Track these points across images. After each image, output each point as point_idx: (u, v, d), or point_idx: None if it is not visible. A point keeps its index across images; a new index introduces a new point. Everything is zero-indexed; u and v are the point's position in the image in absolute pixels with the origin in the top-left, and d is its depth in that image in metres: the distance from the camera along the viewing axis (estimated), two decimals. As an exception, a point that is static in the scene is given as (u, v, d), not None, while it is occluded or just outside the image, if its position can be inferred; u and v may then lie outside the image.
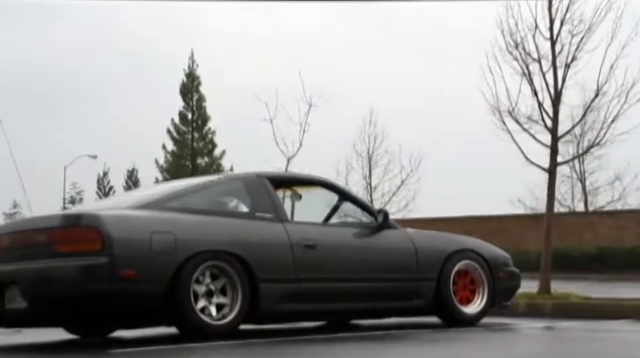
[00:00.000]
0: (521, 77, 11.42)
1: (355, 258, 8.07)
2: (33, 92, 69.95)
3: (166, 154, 50.26)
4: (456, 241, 8.80)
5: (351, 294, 7.99)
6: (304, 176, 8.74)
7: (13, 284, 6.95)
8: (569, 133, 11.88)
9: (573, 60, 11.37)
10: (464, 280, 8.59)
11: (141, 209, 7.25)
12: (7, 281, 7.02)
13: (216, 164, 49.70)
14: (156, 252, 6.89)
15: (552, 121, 11.38)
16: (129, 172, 59.26)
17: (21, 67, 68.56)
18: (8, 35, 67.51)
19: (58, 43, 70.04)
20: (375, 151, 36.43)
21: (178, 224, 7.15)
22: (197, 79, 50.24)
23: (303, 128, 15.94)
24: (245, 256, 7.27)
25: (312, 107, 16.30)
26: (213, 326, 7.07)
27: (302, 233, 7.78)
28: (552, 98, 11.38)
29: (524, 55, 11.42)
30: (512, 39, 11.49)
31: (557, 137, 11.42)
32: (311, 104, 16.30)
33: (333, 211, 8.46)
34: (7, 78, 67.89)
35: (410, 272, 8.31)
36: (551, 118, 11.40)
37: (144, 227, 6.97)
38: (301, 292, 7.61)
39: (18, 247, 7.13)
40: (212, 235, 7.26)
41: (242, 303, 7.21)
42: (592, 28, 11.38)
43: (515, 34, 11.51)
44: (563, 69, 11.36)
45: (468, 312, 8.51)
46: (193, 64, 50.20)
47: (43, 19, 74.41)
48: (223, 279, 7.20)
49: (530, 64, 11.42)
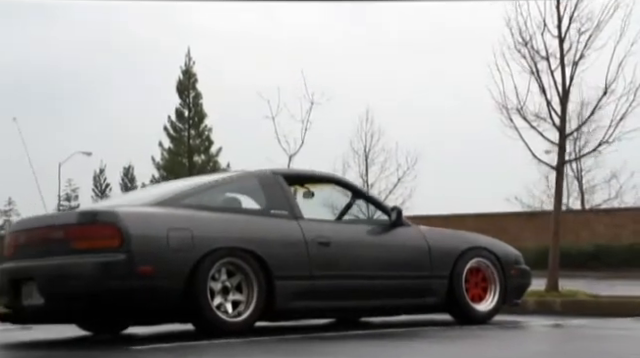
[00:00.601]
0: (529, 75, 11.41)
1: (369, 255, 8.06)
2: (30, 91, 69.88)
3: (162, 151, 50.21)
4: (468, 239, 8.80)
5: (365, 291, 7.99)
6: (318, 173, 8.72)
7: (30, 281, 6.95)
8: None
9: (581, 58, 11.37)
10: (476, 278, 8.59)
11: (158, 206, 7.23)
12: (24, 278, 7.02)
13: (212, 161, 49.64)
14: (173, 249, 6.87)
15: (560, 119, 11.38)
16: (125, 169, 59.26)
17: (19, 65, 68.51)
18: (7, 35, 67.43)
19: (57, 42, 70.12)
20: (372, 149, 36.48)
21: (195, 221, 7.14)
22: (194, 76, 50.18)
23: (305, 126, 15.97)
24: (261, 253, 7.26)
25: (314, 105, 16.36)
26: (229, 323, 7.06)
27: (316, 230, 7.77)
28: (560, 96, 11.38)
29: (532, 53, 11.42)
30: (521, 37, 11.47)
31: (565, 135, 11.42)
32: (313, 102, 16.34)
33: (346, 208, 8.45)
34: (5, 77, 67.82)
35: (423, 270, 8.30)
36: (559, 116, 11.40)
37: (161, 224, 6.96)
38: (315, 289, 7.60)
39: (35, 244, 7.12)
40: (228, 232, 7.25)
41: (258, 300, 7.20)
42: (600, 26, 11.38)
43: (524, 32, 11.50)
44: (571, 67, 11.36)
45: (480, 310, 8.51)
46: (190, 61, 50.16)
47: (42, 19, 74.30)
48: (239, 276, 7.19)
49: (538, 62, 11.42)
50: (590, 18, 11.41)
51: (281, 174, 8.01)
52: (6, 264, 7.40)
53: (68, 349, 6.94)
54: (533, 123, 11.43)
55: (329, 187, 8.60)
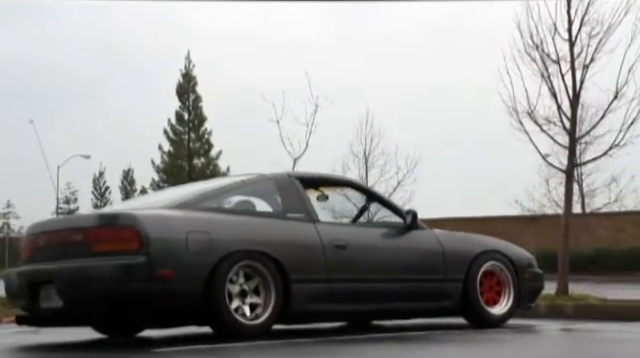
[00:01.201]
0: (540, 79, 11.42)
1: (385, 259, 8.06)
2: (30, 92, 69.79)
3: (162, 154, 50.17)
4: (482, 242, 8.79)
5: (380, 294, 7.99)
6: (334, 176, 8.75)
7: (49, 283, 6.93)
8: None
9: (592, 61, 11.38)
10: (490, 281, 8.59)
11: (176, 209, 7.23)
12: (43, 280, 7.00)
13: (212, 165, 49.61)
14: (192, 252, 6.87)
15: (570, 122, 11.38)
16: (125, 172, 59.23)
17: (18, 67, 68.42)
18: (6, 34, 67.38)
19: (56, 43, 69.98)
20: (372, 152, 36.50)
21: (213, 224, 7.14)
22: (193, 79, 50.18)
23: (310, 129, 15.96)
24: (278, 256, 7.25)
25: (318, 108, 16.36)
26: (247, 326, 7.06)
27: (333, 233, 7.77)
28: (570, 100, 11.38)
29: (543, 56, 11.42)
30: (532, 40, 11.48)
31: (575, 138, 11.43)
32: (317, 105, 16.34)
33: (361, 211, 8.46)
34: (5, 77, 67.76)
35: (438, 273, 8.30)
36: (569, 119, 11.41)
37: (180, 227, 6.95)
38: (332, 292, 7.60)
39: (54, 246, 7.10)
40: (246, 235, 7.25)
41: (275, 303, 7.19)
42: (611, 29, 11.39)
43: (534, 36, 11.50)
44: (581, 70, 11.36)
45: (495, 313, 8.51)
46: (190, 64, 50.15)
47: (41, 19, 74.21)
48: (256, 279, 7.19)
49: (549, 66, 11.42)
50: (601, 22, 11.43)
51: (297, 177, 8.02)
52: (23, 267, 7.39)
53: (89, 352, 6.94)
54: (543, 127, 11.43)
55: (344, 190, 8.61)
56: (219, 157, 50.07)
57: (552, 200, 39.12)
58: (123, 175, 59.27)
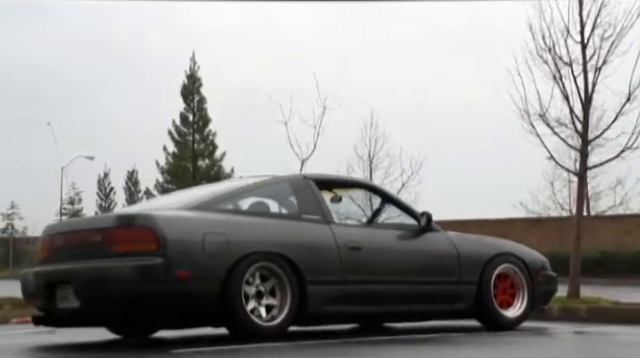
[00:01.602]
0: (553, 81, 11.40)
1: (399, 260, 8.06)
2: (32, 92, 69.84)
3: (167, 156, 50.13)
4: (496, 245, 8.79)
5: (395, 297, 7.98)
6: (349, 178, 8.77)
7: (66, 283, 6.93)
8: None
9: (604, 64, 11.36)
10: (504, 284, 8.58)
11: (193, 210, 7.23)
12: (60, 280, 7.00)
13: (217, 166, 49.59)
14: (209, 253, 6.87)
15: (582, 125, 11.37)
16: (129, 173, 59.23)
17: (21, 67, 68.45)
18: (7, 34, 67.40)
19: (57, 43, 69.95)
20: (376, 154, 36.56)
21: (229, 225, 7.14)
22: (198, 81, 50.13)
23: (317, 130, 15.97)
24: (294, 258, 7.25)
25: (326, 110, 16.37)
26: (263, 327, 7.05)
27: (348, 235, 7.77)
28: (582, 102, 11.37)
29: (555, 59, 11.40)
30: (544, 42, 11.46)
31: (587, 141, 11.42)
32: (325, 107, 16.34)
33: (376, 213, 8.45)
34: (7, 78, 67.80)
35: (452, 275, 8.30)
36: (581, 122, 11.40)
37: (197, 228, 6.96)
38: (347, 294, 7.59)
39: (71, 247, 7.10)
40: (262, 236, 7.26)
41: (291, 304, 7.19)
42: (623, 31, 11.37)
43: (547, 38, 11.49)
44: (594, 73, 11.35)
45: (508, 316, 8.50)
46: (194, 65, 50.11)
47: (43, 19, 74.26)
48: (272, 280, 7.19)
49: (561, 68, 11.41)
50: (613, 24, 11.41)
51: (312, 179, 8.02)
52: (40, 267, 7.38)
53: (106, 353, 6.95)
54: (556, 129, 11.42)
55: (359, 192, 8.60)
56: (223, 158, 50.08)
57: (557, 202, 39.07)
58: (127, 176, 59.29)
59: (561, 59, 11.47)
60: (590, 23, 11.44)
